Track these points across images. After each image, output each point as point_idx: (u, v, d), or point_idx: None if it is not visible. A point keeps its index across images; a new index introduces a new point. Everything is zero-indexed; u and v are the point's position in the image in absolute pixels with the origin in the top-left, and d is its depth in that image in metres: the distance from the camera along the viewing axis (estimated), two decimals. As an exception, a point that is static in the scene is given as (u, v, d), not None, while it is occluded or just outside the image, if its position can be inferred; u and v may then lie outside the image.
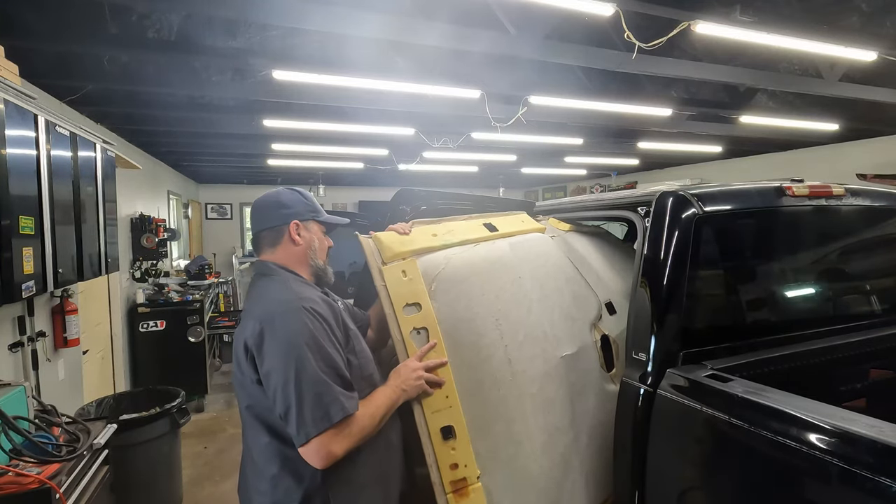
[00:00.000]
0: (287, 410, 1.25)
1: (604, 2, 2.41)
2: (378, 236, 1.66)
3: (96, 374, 3.97)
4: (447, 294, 1.62)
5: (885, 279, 2.16)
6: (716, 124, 4.99)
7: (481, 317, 1.63)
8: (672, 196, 1.73)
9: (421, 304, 1.55)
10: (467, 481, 1.47)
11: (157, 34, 3.26)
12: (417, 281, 1.58)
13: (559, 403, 1.68)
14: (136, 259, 5.08)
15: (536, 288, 1.76)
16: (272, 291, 1.41)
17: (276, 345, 1.28)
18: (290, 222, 1.50)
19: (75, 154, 2.56)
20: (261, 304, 1.38)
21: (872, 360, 1.85)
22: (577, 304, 1.84)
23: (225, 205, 10.18)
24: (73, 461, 1.78)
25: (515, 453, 1.58)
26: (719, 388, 1.40)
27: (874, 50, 3.03)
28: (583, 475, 1.70)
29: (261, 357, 1.29)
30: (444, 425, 1.47)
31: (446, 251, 1.70)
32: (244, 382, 1.35)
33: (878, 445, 1.05)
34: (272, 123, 4.44)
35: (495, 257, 1.77)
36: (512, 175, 9.48)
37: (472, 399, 1.54)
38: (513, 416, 1.60)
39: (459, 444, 1.47)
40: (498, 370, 1.60)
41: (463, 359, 1.57)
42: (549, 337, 1.71)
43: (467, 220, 1.91)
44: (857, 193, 2.01)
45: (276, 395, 1.26)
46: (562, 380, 1.69)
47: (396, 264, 1.59)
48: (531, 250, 1.87)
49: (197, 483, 3.63)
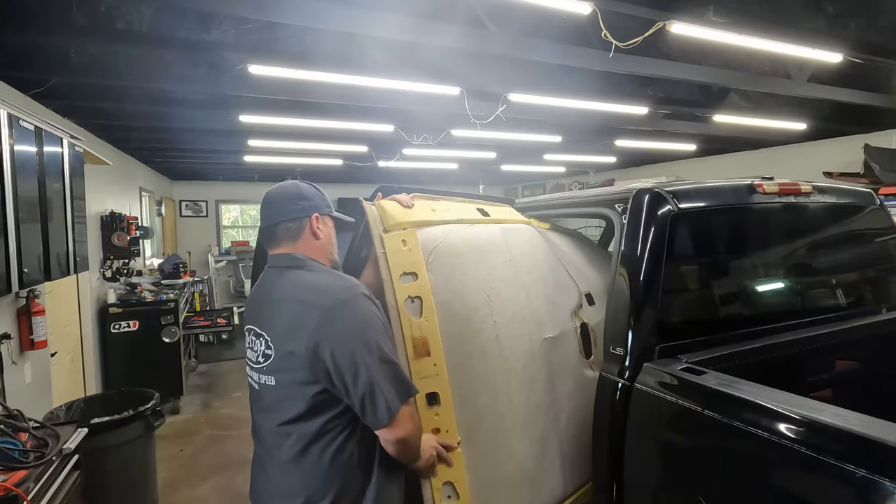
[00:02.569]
0: (370, 391, 1.24)
1: (582, 0, 2.44)
2: (382, 204, 1.67)
3: (65, 376, 3.85)
4: (443, 267, 1.65)
5: (849, 274, 2.25)
6: (690, 123, 5.09)
7: (474, 292, 1.67)
8: (648, 193, 1.77)
9: (417, 274, 1.58)
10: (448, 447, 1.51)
11: (127, 26, 3.16)
12: (416, 251, 1.60)
13: (541, 383, 1.73)
14: (107, 258, 4.93)
15: (524, 272, 1.82)
16: (325, 279, 1.39)
17: (352, 329, 1.27)
18: (312, 215, 1.45)
19: (41, 149, 2.47)
20: (318, 293, 1.33)
21: (838, 352, 1.92)
22: (560, 292, 1.91)
23: (200, 202, 9.96)
24: (41, 467, 1.72)
25: (497, 426, 1.63)
26: (694, 380, 1.43)
27: (839, 52, 3.13)
28: (560, 455, 1.76)
29: (335, 344, 1.25)
30: (429, 391, 1.50)
31: (444, 227, 1.74)
32: (297, 378, 1.29)
33: (844, 433, 1.09)
34: (249, 119, 4.36)
35: (489, 238, 1.82)
36: (492, 172, 9.51)
37: (459, 370, 1.58)
38: (497, 390, 1.64)
39: (443, 411, 1.51)
40: (486, 344, 1.64)
41: (454, 330, 1.60)
42: (534, 318, 1.77)
43: (463, 202, 1.97)
44: (824, 191, 2.08)
45: (357, 378, 1.24)
46: (544, 360, 1.75)
47: (397, 233, 1.60)
48: (521, 237, 1.93)
49: (173, 486, 3.56)
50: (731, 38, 2.84)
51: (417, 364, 1.49)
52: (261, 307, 1.43)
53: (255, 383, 1.42)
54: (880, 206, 2.26)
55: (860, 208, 2.22)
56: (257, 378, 1.39)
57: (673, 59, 3.58)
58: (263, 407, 1.39)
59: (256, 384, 1.41)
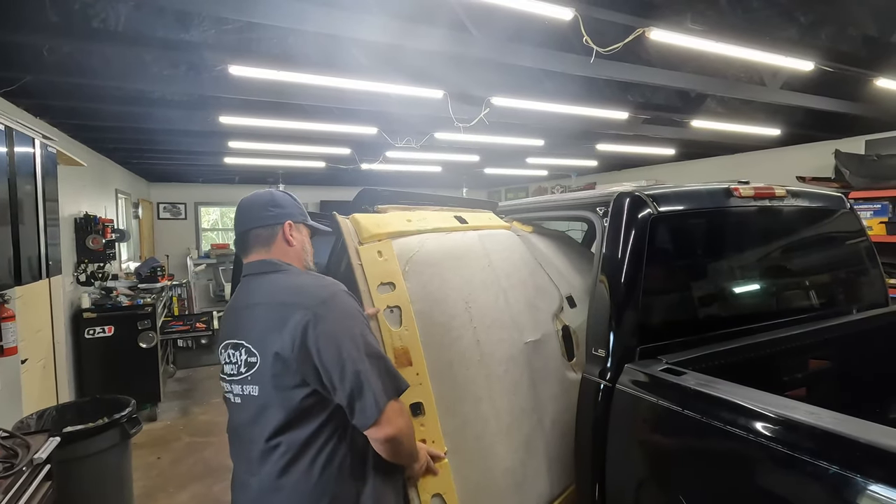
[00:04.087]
0: (358, 387, 1.21)
1: (564, 6, 2.47)
2: (356, 217, 1.69)
3: (37, 384, 3.73)
4: (421, 275, 1.65)
5: (821, 275, 2.31)
6: (669, 128, 5.19)
7: (452, 299, 1.68)
8: (629, 197, 1.79)
9: (395, 284, 1.58)
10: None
11: (102, 24, 3.09)
12: (392, 261, 1.61)
13: (524, 386, 1.74)
14: (81, 261, 4.80)
15: (503, 277, 1.83)
16: (304, 280, 1.38)
17: (337, 326, 1.26)
18: (285, 222, 1.45)
19: (11, 150, 2.39)
20: (299, 293, 1.31)
21: (811, 352, 1.97)
22: (540, 296, 1.92)
23: (178, 204, 9.77)
24: (10, 478, 1.66)
25: (482, 432, 1.63)
26: (674, 381, 1.46)
27: (811, 60, 3.23)
28: (546, 458, 1.77)
29: (321, 341, 1.23)
30: (413, 401, 1.49)
31: (420, 236, 1.74)
32: (284, 383, 1.26)
33: (817, 431, 1.12)
34: (229, 120, 4.29)
35: (467, 245, 1.83)
36: (475, 175, 9.55)
37: (441, 378, 1.57)
38: (480, 396, 1.64)
39: (428, 421, 1.51)
40: (467, 351, 1.65)
41: (434, 338, 1.60)
42: (515, 323, 1.78)
43: (439, 211, 1.97)
44: (798, 195, 2.14)
45: (344, 374, 1.22)
46: (526, 364, 1.76)
47: (372, 245, 1.61)
48: (499, 243, 1.94)
49: (150, 495, 3.47)
50: (708, 45, 2.91)
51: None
52: (238, 317, 1.40)
53: (235, 397, 1.37)
54: (850, 210, 2.33)
55: (832, 212, 2.29)
56: (239, 390, 1.35)
57: (652, 66, 3.65)
58: (246, 421, 1.34)
59: (238, 397, 1.36)
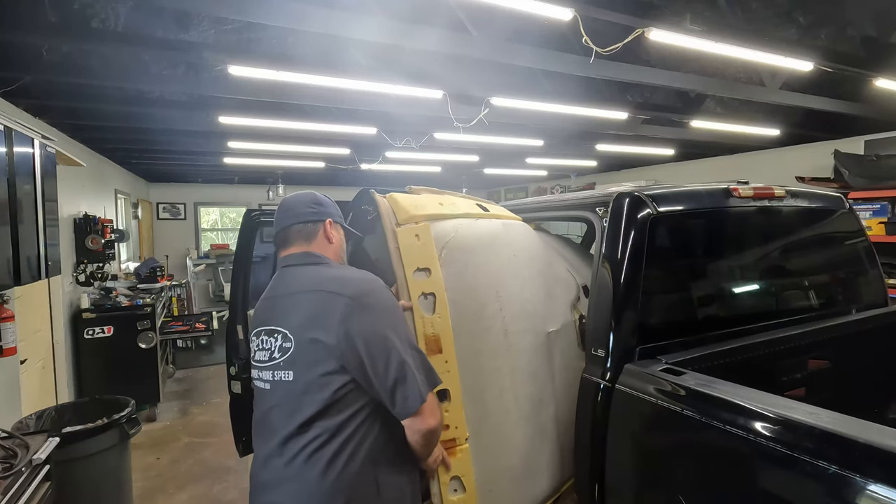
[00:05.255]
0: (402, 377, 1.26)
1: (563, 6, 2.47)
2: (394, 196, 1.67)
3: (36, 384, 3.72)
4: (455, 262, 1.64)
5: (821, 275, 2.31)
6: (669, 128, 5.19)
7: (484, 288, 1.67)
8: (628, 197, 1.79)
9: (431, 270, 1.56)
10: (456, 442, 1.53)
11: (101, 24, 3.09)
12: (429, 246, 1.58)
13: (542, 376, 1.77)
14: (81, 262, 4.79)
15: (526, 266, 1.84)
16: (346, 272, 1.42)
17: (382, 317, 1.30)
18: (326, 220, 1.50)
19: (10, 150, 2.39)
20: (342, 284, 1.35)
21: (810, 352, 1.97)
22: (559, 285, 1.94)
23: (178, 204, 9.75)
24: (9, 478, 1.66)
25: (503, 420, 1.66)
26: (673, 381, 1.46)
27: (810, 60, 3.23)
28: (559, 446, 1.80)
29: (367, 331, 1.27)
30: (440, 388, 1.50)
31: (454, 221, 1.72)
32: (322, 369, 1.28)
33: (816, 431, 1.12)
34: (228, 120, 4.29)
35: (494, 233, 1.82)
36: (475, 176, 9.55)
37: (468, 367, 1.59)
38: (504, 386, 1.67)
39: (453, 407, 1.53)
40: (495, 341, 1.66)
41: (464, 327, 1.60)
42: (538, 313, 1.79)
43: (463, 197, 1.96)
44: (797, 195, 2.14)
45: (389, 364, 1.26)
46: (547, 353, 1.78)
47: (410, 227, 1.59)
48: (519, 233, 1.95)
49: (149, 496, 3.47)
50: (708, 45, 2.91)
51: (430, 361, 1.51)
52: (275, 305, 1.43)
53: (264, 384, 1.39)
54: (849, 210, 2.34)
55: (831, 212, 2.29)
56: (269, 376, 1.37)
57: (652, 66, 3.65)
58: (276, 405, 1.35)
59: (268, 383, 1.38)
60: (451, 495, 1.49)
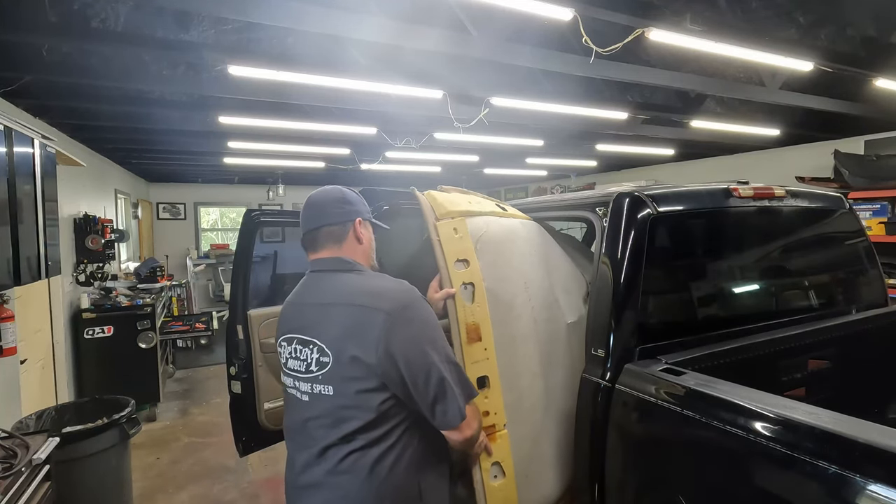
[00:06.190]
0: (442, 392, 1.26)
1: (563, 6, 2.47)
2: (432, 194, 1.74)
3: (36, 384, 3.72)
4: (488, 255, 1.70)
5: (821, 275, 2.31)
6: (669, 128, 5.19)
7: (513, 279, 1.74)
8: (628, 197, 1.79)
9: (469, 261, 1.63)
10: (495, 428, 1.58)
11: (101, 24, 3.09)
12: (466, 239, 1.66)
13: (563, 366, 1.82)
14: (81, 261, 4.80)
15: (545, 260, 1.91)
16: (380, 283, 1.38)
17: (421, 332, 1.29)
18: (356, 219, 1.45)
19: (10, 150, 2.39)
20: (378, 297, 1.31)
21: (810, 352, 1.97)
22: (571, 280, 2.00)
23: (178, 204, 9.76)
24: (9, 478, 1.67)
25: (535, 406, 1.71)
26: (673, 381, 1.45)
27: (810, 60, 3.23)
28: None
29: (407, 348, 1.26)
30: (480, 375, 1.55)
31: (484, 217, 1.80)
32: (362, 386, 1.27)
33: (816, 431, 1.12)
34: (228, 120, 4.29)
35: (515, 230, 1.90)
36: (475, 176, 9.55)
37: (504, 354, 1.64)
38: (536, 372, 1.73)
39: (492, 394, 1.58)
40: (527, 328, 1.72)
41: (499, 315, 1.66)
42: (558, 304, 1.86)
43: (483, 198, 2.04)
44: (797, 195, 2.14)
45: (429, 380, 1.26)
46: (567, 344, 1.84)
47: (448, 221, 1.65)
48: (535, 231, 2.01)
49: (149, 496, 3.47)
50: (708, 45, 2.91)
51: (469, 349, 1.55)
52: (307, 312, 1.39)
53: (302, 395, 1.36)
54: (850, 210, 2.33)
55: (831, 212, 2.29)
56: (307, 388, 1.34)
57: (652, 66, 3.65)
58: (316, 417, 1.33)
59: (306, 395, 1.35)
60: (491, 481, 1.54)
